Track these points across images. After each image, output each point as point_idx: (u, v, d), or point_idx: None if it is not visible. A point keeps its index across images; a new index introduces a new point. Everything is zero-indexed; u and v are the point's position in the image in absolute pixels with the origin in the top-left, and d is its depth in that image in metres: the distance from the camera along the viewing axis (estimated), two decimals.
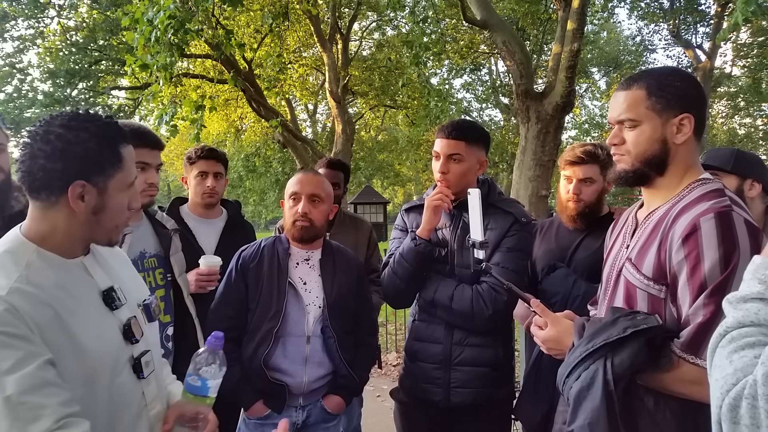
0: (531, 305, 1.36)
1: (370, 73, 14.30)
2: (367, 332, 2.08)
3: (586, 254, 1.96)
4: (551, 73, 6.69)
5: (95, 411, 1.04)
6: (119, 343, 1.12)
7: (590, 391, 1.10)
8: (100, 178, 1.07)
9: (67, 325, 1.01)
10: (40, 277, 1.02)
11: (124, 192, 1.13)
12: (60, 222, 1.07)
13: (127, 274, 1.28)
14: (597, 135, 22.73)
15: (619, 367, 1.07)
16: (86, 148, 1.05)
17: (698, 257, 1.08)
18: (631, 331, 1.09)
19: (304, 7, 9.80)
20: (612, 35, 22.24)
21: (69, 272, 1.09)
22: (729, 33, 5.48)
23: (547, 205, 6.55)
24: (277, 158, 17.42)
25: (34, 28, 12.16)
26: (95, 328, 1.07)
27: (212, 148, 2.48)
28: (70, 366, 1.00)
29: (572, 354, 1.17)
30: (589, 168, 1.96)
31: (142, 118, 13.45)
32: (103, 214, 1.10)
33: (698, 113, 1.22)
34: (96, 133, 1.07)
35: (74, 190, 1.04)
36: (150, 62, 4.67)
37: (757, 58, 15.77)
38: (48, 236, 1.07)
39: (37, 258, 1.05)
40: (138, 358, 1.15)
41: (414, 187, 30.68)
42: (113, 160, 1.09)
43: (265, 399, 1.88)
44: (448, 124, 1.89)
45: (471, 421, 1.91)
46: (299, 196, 1.90)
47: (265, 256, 1.93)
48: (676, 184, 1.24)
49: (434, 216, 1.84)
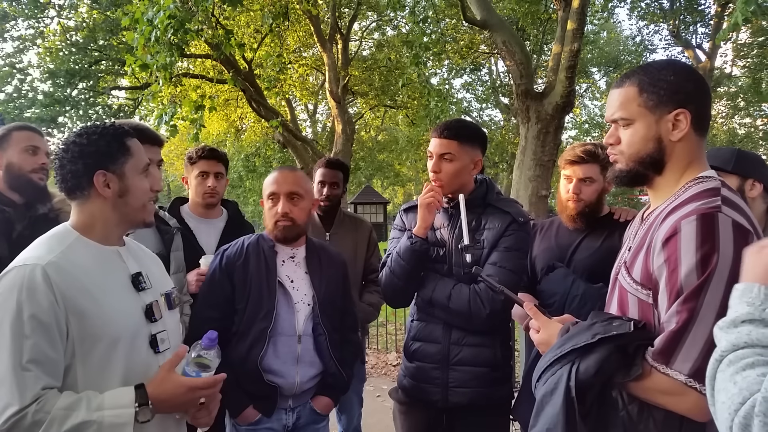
0: (524, 308, 1.34)
1: (370, 73, 14.29)
2: (350, 329, 2.07)
3: (585, 254, 1.95)
4: (551, 73, 6.69)
5: (115, 371, 1.22)
6: (141, 319, 1.31)
7: (552, 397, 1.08)
8: (116, 166, 1.30)
9: (94, 296, 1.22)
10: (77, 256, 1.24)
11: (141, 175, 1.35)
12: (96, 211, 1.31)
13: (156, 268, 1.48)
14: (597, 135, 22.72)
15: (584, 374, 1.04)
16: (98, 146, 1.29)
17: (676, 262, 1.03)
18: (599, 338, 1.05)
19: (304, 7, 9.79)
20: (612, 35, 22.25)
21: (104, 256, 1.31)
22: (729, 33, 5.48)
23: (547, 205, 6.55)
24: (277, 158, 17.43)
25: (34, 28, 12.14)
26: (121, 302, 1.28)
27: (213, 148, 2.48)
28: (97, 327, 1.20)
29: (544, 358, 1.15)
30: (589, 167, 1.95)
31: (142, 118, 13.46)
32: (129, 196, 1.32)
33: (696, 107, 1.16)
34: (102, 133, 1.31)
35: (99, 180, 1.28)
36: (150, 62, 4.67)
37: (757, 58, 15.75)
38: (89, 225, 1.31)
39: (77, 242, 1.27)
40: (155, 334, 1.33)
41: (414, 187, 30.66)
42: (122, 149, 1.32)
43: (254, 403, 1.84)
44: (441, 124, 1.90)
45: (470, 420, 1.91)
46: (277, 195, 1.87)
47: (251, 255, 1.90)
48: (674, 182, 1.19)
49: (428, 214, 1.84)
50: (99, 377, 1.21)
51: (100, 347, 1.21)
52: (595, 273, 1.86)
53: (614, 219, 1.99)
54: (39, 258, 1.19)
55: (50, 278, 1.16)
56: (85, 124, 1.35)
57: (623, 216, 1.98)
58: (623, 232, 1.92)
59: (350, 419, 2.89)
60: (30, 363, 1.12)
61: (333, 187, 2.80)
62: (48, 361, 1.14)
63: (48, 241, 1.26)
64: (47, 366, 1.14)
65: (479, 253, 1.85)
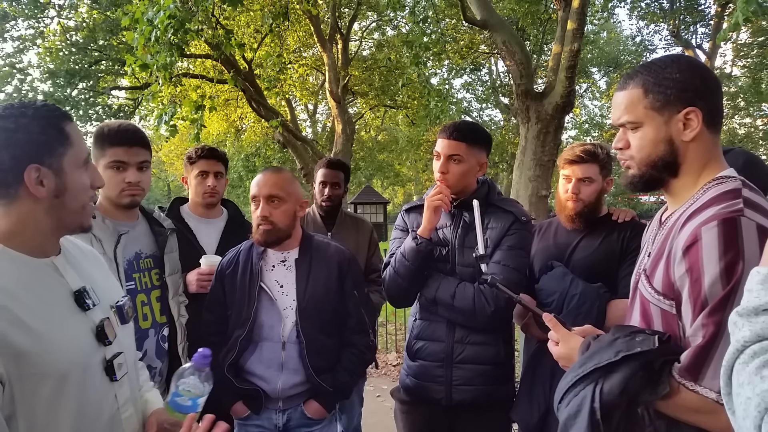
0: (544, 320, 1.28)
1: (370, 73, 14.30)
2: (353, 331, 1.96)
3: (584, 254, 1.95)
4: (551, 73, 6.70)
5: (66, 412, 1.01)
6: (91, 345, 1.09)
7: (576, 420, 1.01)
8: (53, 159, 1.04)
9: (29, 327, 0.97)
10: (2, 280, 0.99)
11: (81, 169, 1.10)
12: (26, 215, 1.04)
13: (100, 274, 1.25)
14: (597, 135, 22.72)
15: (608, 395, 0.98)
16: (29, 131, 1.02)
17: (698, 271, 0.96)
18: (622, 356, 0.99)
19: (304, 7, 9.79)
20: (612, 35, 22.24)
21: (36, 272, 1.06)
22: (729, 33, 5.47)
23: (547, 205, 6.55)
24: (277, 158, 17.43)
25: (34, 28, 12.14)
26: (65, 328, 1.05)
27: (213, 148, 2.48)
28: (39, 366, 0.97)
29: (565, 378, 1.09)
30: (588, 167, 1.94)
31: (142, 118, 13.48)
32: (66, 196, 1.07)
33: (707, 104, 1.09)
34: (35, 115, 1.04)
35: (30, 176, 1.02)
36: (150, 62, 4.67)
37: (757, 58, 15.75)
38: (16, 233, 1.04)
39: (1, 258, 1.01)
40: (110, 360, 1.12)
41: (414, 187, 30.68)
42: (60, 138, 1.06)
43: (244, 401, 1.89)
44: (450, 125, 1.90)
45: (472, 419, 1.92)
46: (258, 198, 1.83)
47: (240, 262, 1.92)
48: (692, 184, 1.12)
49: (434, 216, 1.86)
50: (46, 423, 0.98)
51: (47, 388, 0.98)
52: (594, 273, 1.87)
53: (613, 220, 1.99)
54: None
55: None
56: (10, 103, 1.06)
57: (622, 217, 1.98)
58: (621, 233, 1.93)
59: (350, 419, 2.90)
60: None
61: (334, 188, 2.80)
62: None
63: None
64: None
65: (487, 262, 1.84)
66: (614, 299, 1.82)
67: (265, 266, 1.91)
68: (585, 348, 1.11)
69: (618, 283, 1.86)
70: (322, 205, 2.79)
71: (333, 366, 1.91)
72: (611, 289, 1.84)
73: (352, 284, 1.96)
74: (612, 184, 2.02)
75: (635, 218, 2.01)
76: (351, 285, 1.95)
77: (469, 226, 1.92)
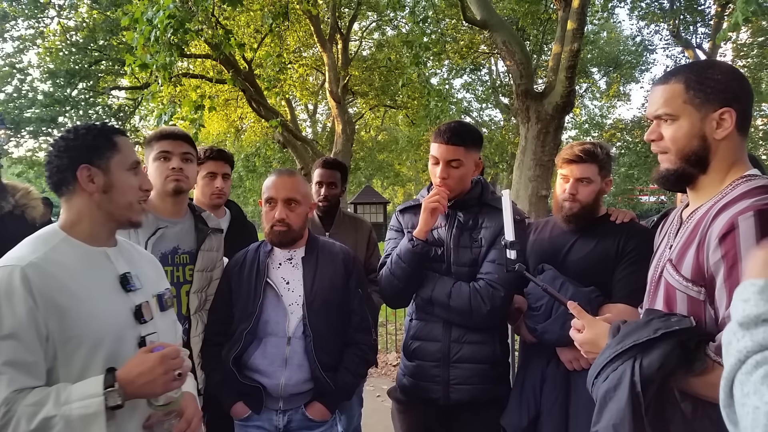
0: (568, 308, 1.32)
1: (370, 73, 14.29)
2: (357, 329, 1.96)
3: (579, 256, 1.90)
4: (551, 73, 6.69)
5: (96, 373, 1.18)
6: (128, 320, 1.29)
7: (616, 392, 1.07)
8: (102, 161, 1.28)
9: (76, 296, 1.20)
10: (61, 257, 1.23)
11: (129, 172, 1.33)
12: (81, 207, 1.28)
13: (150, 268, 1.46)
14: (597, 135, 22.69)
15: (648, 368, 1.04)
16: (83, 140, 1.28)
17: (735, 257, 1.02)
18: (662, 332, 1.05)
19: (304, 7, 9.79)
20: (612, 35, 22.21)
21: (90, 255, 1.29)
22: (729, 33, 5.48)
23: (547, 205, 6.54)
24: (277, 158, 17.43)
25: (34, 28, 12.15)
26: (106, 303, 1.26)
27: (221, 150, 2.49)
28: (78, 328, 1.18)
29: (602, 355, 1.14)
30: (587, 167, 1.88)
31: (142, 118, 13.50)
32: (114, 192, 1.30)
33: (741, 107, 1.16)
34: (90, 128, 1.31)
35: (82, 174, 1.26)
36: (150, 62, 4.67)
37: (757, 58, 15.73)
38: (75, 223, 1.29)
39: (63, 242, 1.26)
40: (144, 337, 1.30)
41: (414, 187, 30.65)
42: (108, 145, 1.30)
43: (244, 400, 1.88)
44: (445, 129, 1.87)
45: (469, 418, 1.92)
46: (275, 200, 1.88)
47: (247, 261, 1.95)
48: (719, 181, 1.19)
49: (431, 218, 1.85)
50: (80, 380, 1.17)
51: (83, 349, 1.19)
52: (588, 275, 1.82)
53: (611, 221, 1.94)
54: (20, 259, 1.17)
55: (29, 280, 1.14)
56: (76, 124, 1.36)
57: (620, 218, 1.93)
58: (619, 235, 1.87)
59: (350, 419, 2.90)
60: (5, 366, 1.10)
61: (331, 187, 2.80)
62: (24, 363, 1.12)
63: (34, 241, 1.25)
64: (23, 368, 1.12)
65: (518, 253, 1.75)
66: (607, 303, 1.78)
67: (271, 263, 1.94)
68: (615, 331, 1.16)
69: (613, 286, 1.81)
70: (320, 205, 2.79)
71: (337, 364, 1.90)
72: (605, 292, 1.79)
73: (357, 282, 1.99)
74: (611, 185, 1.98)
75: (634, 219, 1.96)
76: (356, 283, 1.98)
77: (464, 225, 1.92)
